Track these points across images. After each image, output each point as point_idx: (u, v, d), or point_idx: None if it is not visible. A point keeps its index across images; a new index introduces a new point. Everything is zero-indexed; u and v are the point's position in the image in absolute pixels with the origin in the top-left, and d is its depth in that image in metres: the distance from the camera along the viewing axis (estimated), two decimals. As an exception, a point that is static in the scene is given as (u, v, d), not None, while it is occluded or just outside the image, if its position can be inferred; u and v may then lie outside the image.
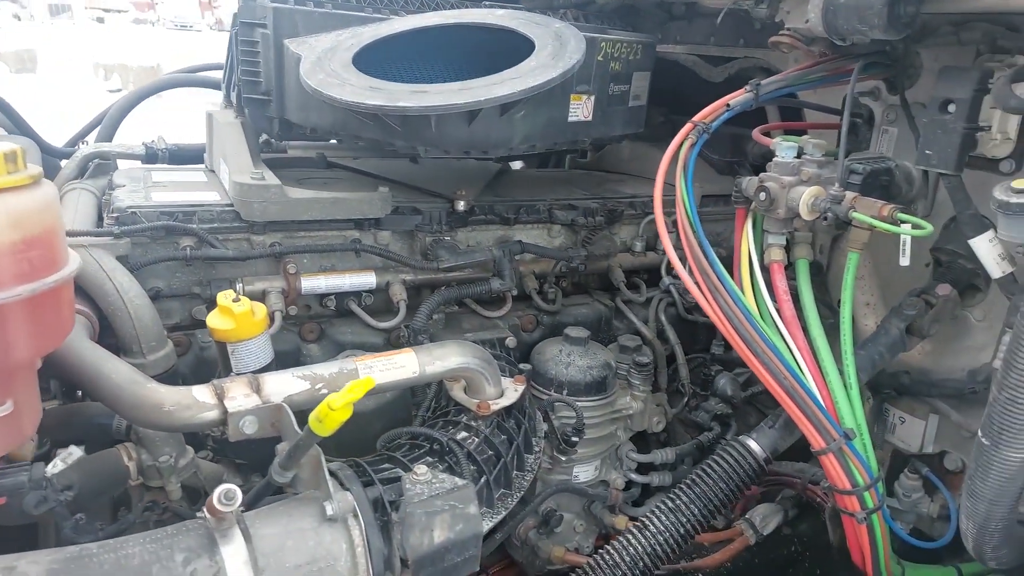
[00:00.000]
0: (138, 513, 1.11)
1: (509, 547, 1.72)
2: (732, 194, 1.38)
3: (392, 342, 1.54)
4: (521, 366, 1.50)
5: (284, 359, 1.40)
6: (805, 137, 1.34)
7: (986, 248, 1.20)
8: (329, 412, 0.87)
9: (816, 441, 1.17)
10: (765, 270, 1.31)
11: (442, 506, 0.98)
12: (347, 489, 0.98)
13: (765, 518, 1.75)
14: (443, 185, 1.68)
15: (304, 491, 0.99)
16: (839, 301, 1.54)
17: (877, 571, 1.25)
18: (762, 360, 1.18)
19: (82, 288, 1.21)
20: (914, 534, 1.45)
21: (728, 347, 1.82)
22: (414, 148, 1.35)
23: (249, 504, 0.97)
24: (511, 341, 1.61)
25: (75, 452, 0.90)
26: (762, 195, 1.28)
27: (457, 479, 1.02)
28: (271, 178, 1.42)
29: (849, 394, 1.21)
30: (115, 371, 1.02)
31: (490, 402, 1.23)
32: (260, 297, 1.41)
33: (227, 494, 0.87)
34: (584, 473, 1.63)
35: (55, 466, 0.89)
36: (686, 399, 1.81)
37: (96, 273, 1.21)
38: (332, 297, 1.53)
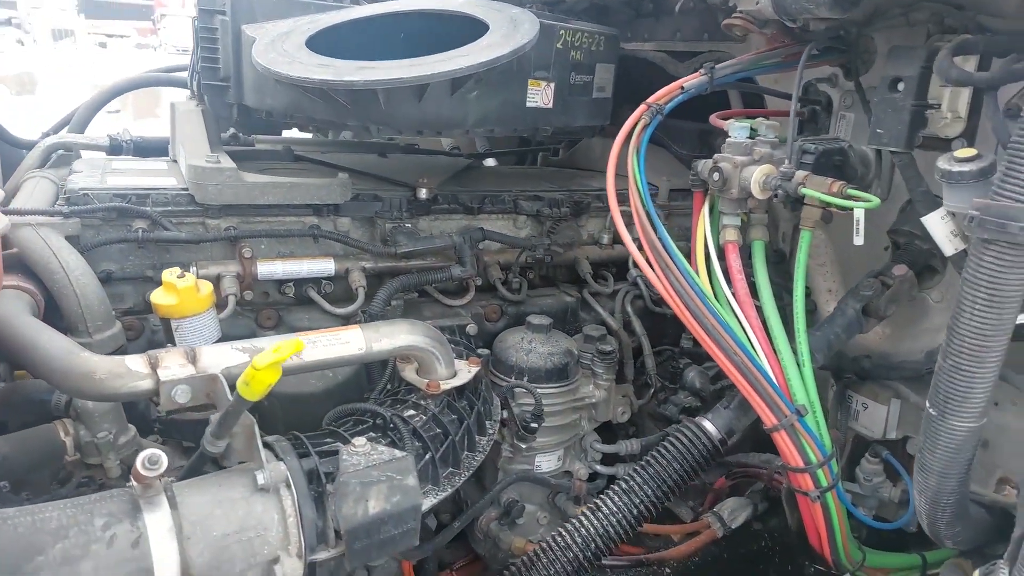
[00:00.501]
0: (72, 488, 1.08)
1: (472, 540, 1.69)
2: (689, 179, 1.37)
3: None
4: (479, 351, 1.48)
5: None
6: (760, 119, 1.33)
7: (938, 225, 1.19)
8: (255, 374, 0.85)
9: (767, 418, 1.15)
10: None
11: (378, 477, 0.96)
12: (281, 460, 0.96)
13: (733, 512, 1.73)
14: (409, 177, 1.67)
15: (238, 463, 0.97)
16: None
17: (834, 551, 1.22)
18: (712, 336, 1.16)
19: (28, 266, 1.19)
20: (876, 520, 1.43)
21: (696, 343, 1.81)
22: (366, 128, 1.34)
23: (183, 479, 0.95)
24: (471, 328, 1.59)
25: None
26: (715, 175, 1.27)
27: (396, 451, 1.00)
28: (227, 162, 1.41)
29: (802, 372, 1.19)
30: (50, 341, 1.00)
31: (440, 382, 1.21)
32: (215, 282, 1.39)
33: (151, 458, 0.85)
34: (547, 463, 1.60)
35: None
36: (652, 390, 1.78)
37: (42, 251, 1.19)
38: (291, 284, 1.51)
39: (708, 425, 1.26)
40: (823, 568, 1.33)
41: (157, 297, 1.14)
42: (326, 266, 1.51)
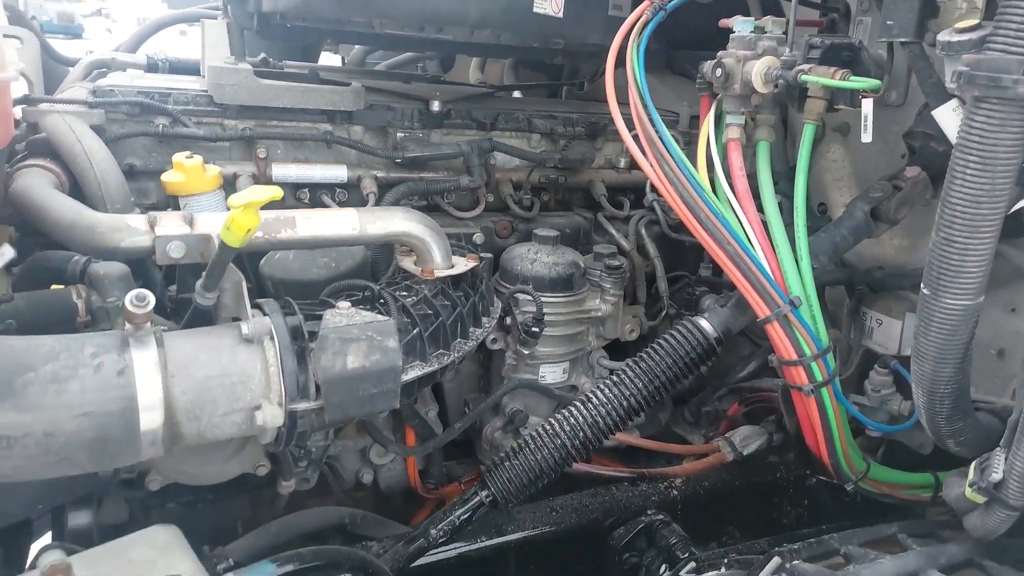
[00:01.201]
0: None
1: (479, 452, 1.71)
2: (696, 82, 1.34)
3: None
4: (482, 254, 1.48)
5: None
6: (768, 17, 1.29)
7: (949, 117, 1.13)
8: (234, 218, 0.88)
9: (760, 308, 1.13)
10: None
11: (359, 335, 0.98)
12: (267, 315, 0.99)
13: (746, 439, 1.70)
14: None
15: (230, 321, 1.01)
16: (819, 204, 1.49)
17: (833, 455, 1.19)
18: (705, 225, 1.14)
19: (54, 150, 1.26)
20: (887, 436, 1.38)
21: (717, 270, 1.77)
22: (369, 23, 1.35)
23: (177, 333, 0.99)
24: (478, 237, 1.59)
25: (8, 253, 0.93)
26: (718, 71, 1.23)
27: (379, 316, 1.02)
28: (244, 65, 1.45)
29: (799, 266, 1.15)
30: (62, 203, 1.06)
31: (435, 270, 1.23)
32: (231, 180, 1.44)
33: (139, 296, 0.89)
34: (552, 374, 1.60)
35: (-17, 266, 0.92)
36: (664, 312, 1.76)
37: (66, 135, 1.25)
38: (306, 190, 1.54)
39: (703, 323, 1.24)
40: (826, 479, 1.30)
41: (167, 176, 1.18)
42: (339, 173, 1.54)
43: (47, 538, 1.28)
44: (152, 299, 0.88)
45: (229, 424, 0.94)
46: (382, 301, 1.13)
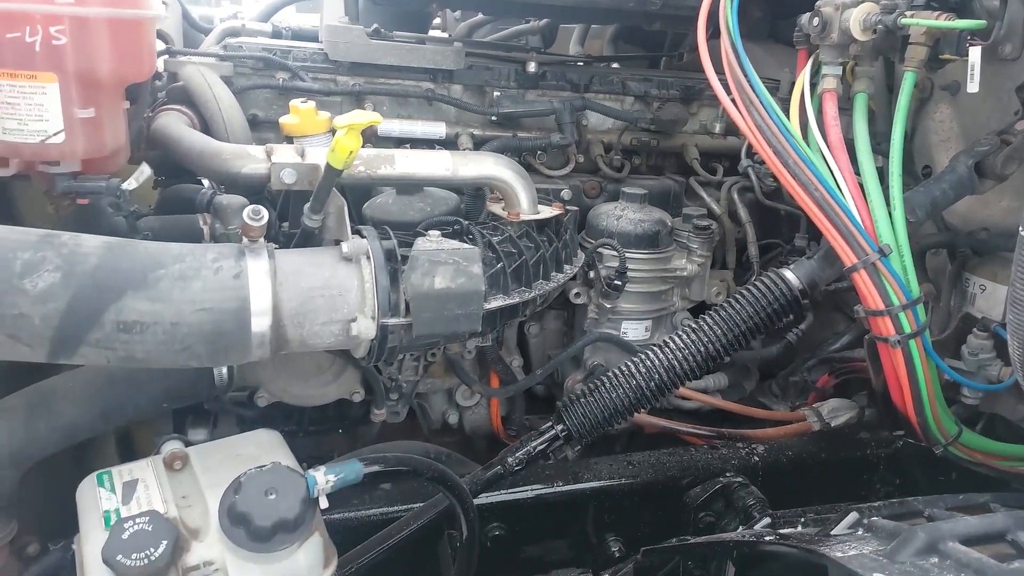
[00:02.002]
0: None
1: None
2: (793, 36, 1.31)
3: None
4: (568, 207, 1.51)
5: (357, 193, 1.52)
6: (873, -36, 1.24)
7: (1070, 64, 1.05)
8: (339, 140, 0.96)
9: (847, 256, 1.09)
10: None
11: (446, 259, 1.04)
12: (364, 238, 1.06)
13: (834, 410, 1.65)
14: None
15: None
16: (923, 167, 1.42)
17: (920, 414, 1.14)
18: (792, 171, 1.12)
19: (188, 97, 1.40)
20: (985, 407, 1.30)
21: (813, 239, 1.72)
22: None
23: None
24: (566, 194, 1.63)
25: (146, 170, 1.06)
26: (815, 20, 1.21)
27: (466, 244, 1.08)
28: (357, 26, 1.55)
29: (892, 216, 1.11)
30: (193, 135, 1.18)
31: (521, 214, 1.27)
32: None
33: (255, 210, 0.98)
34: (633, 331, 1.61)
35: (130, 184, 1.05)
36: (753, 276, 1.73)
37: (200, 83, 1.39)
38: (407, 146, 1.63)
39: (788, 273, 1.21)
40: (912, 441, 1.24)
41: (284, 119, 1.29)
42: (437, 129, 1.62)
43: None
44: (266, 214, 0.97)
45: (327, 333, 1.02)
46: (470, 236, 1.18)
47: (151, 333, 0.90)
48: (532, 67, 1.64)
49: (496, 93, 1.64)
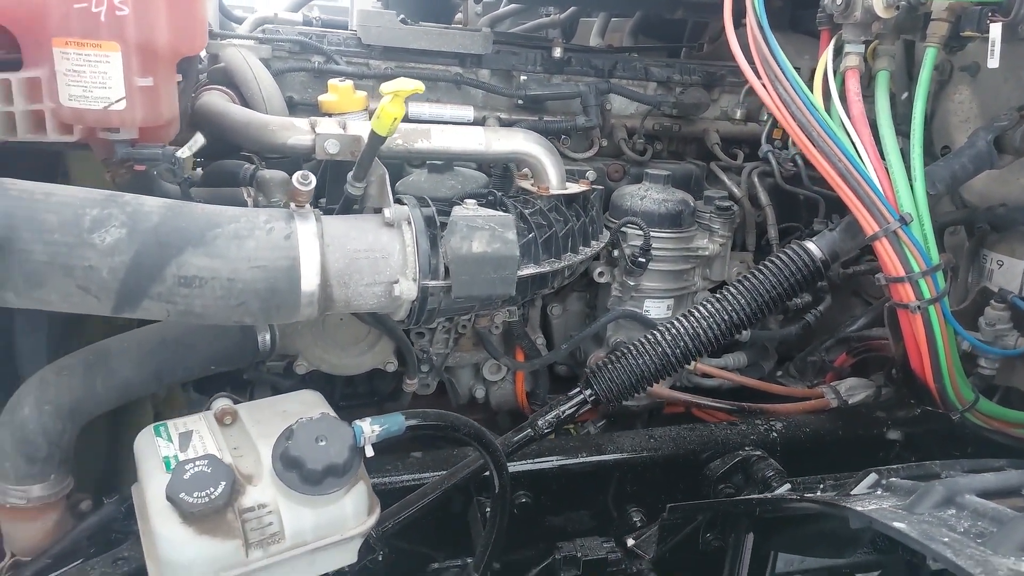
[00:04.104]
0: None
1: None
2: (816, 16, 1.35)
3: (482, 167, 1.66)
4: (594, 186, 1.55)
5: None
6: (894, -54, 1.28)
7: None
8: (384, 107, 1.01)
9: (868, 225, 1.13)
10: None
11: (483, 224, 1.09)
12: (405, 205, 1.11)
13: (852, 388, 1.68)
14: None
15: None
16: (943, 147, 1.46)
17: (939, 380, 1.18)
18: (816, 144, 1.16)
19: (229, 77, 1.45)
20: (1000, 380, 1.33)
21: (831, 223, 1.75)
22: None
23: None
24: (591, 174, 1.65)
25: (200, 139, 1.11)
26: (837, 0, 1.25)
27: (500, 212, 1.12)
28: (389, 11, 1.60)
29: (912, 187, 1.15)
30: (239, 110, 1.24)
31: (550, 188, 1.32)
32: (372, 114, 1.59)
33: (303, 175, 1.04)
34: (656, 309, 1.65)
35: (183, 152, 1.10)
36: (772, 258, 1.76)
37: (240, 64, 1.44)
38: (437, 128, 1.68)
39: (810, 244, 1.25)
40: (930, 408, 1.28)
41: (323, 97, 1.34)
42: (466, 113, 1.66)
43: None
44: (314, 179, 1.03)
45: (371, 295, 1.07)
46: (503, 206, 1.23)
47: (209, 288, 0.95)
48: (558, 52, 1.69)
49: (523, 77, 1.68)
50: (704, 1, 1.75)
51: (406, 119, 1.60)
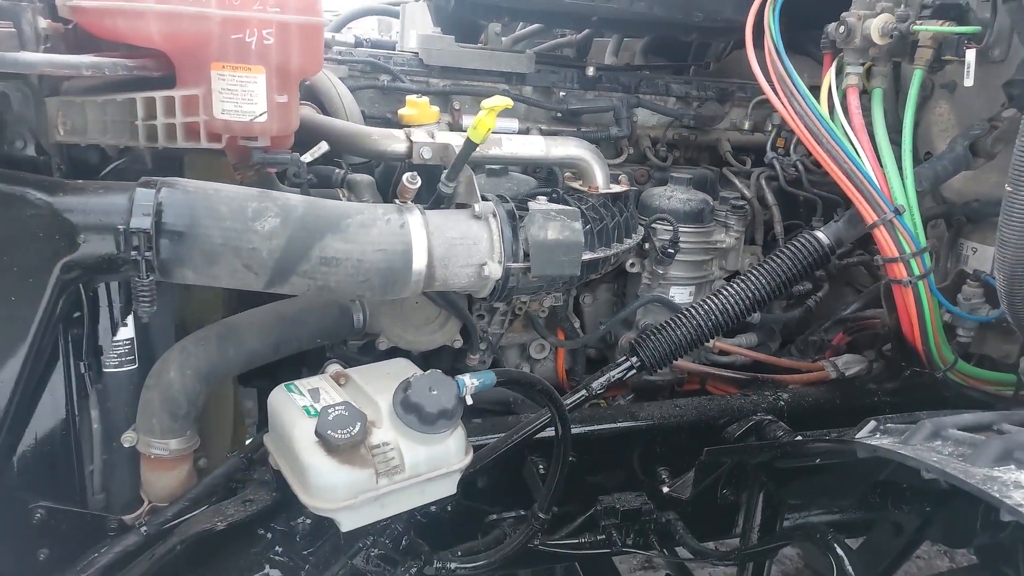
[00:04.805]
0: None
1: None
2: (820, 41, 1.58)
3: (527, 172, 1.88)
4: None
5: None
6: (887, -17, 1.51)
7: (1043, 62, 1.32)
8: (481, 119, 1.22)
9: (869, 215, 1.36)
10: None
11: (556, 216, 1.30)
12: (490, 201, 1.33)
13: (848, 363, 1.90)
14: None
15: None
16: (926, 153, 1.70)
17: (926, 343, 1.40)
18: (825, 147, 1.39)
19: (313, 94, 1.65)
20: (975, 348, 1.57)
21: (827, 221, 1.98)
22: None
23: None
24: (623, 178, 1.88)
25: (324, 146, 1.31)
26: (841, 28, 1.48)
27: (567, 207, 1.34)
28: (448, 36, 1.82)
29: (904, 182, 1.38)
30: (342, 123, 1.44)
31: (599, 187, 1.53)
32: (433, 126, 1.80)
33: (412, 176, 1.25)
34: (680, 295, 1.87)
35: (307, 157, 1.30)
36: (779, 251, 1.99)
37: (325, 82, 1.64)
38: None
39: (819, 233, 1.47)
40: (918, 369, 1.50)
41: (403, 111, 1.55)
42: (511, 125, 1.87)
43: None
44: (419, 180, 1.24)
45: (464, 275, 1.28)
46: (566, 203, 1.44)
47: (343, 267, 1.16)
48: (591, 71, 1.91)
49: (561, 93, 1.90)
50: (714, 26, 1.98)
51: (460, 128, 1.83)
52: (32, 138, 1.09)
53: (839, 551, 1.43)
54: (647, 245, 1.79)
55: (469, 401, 1.18)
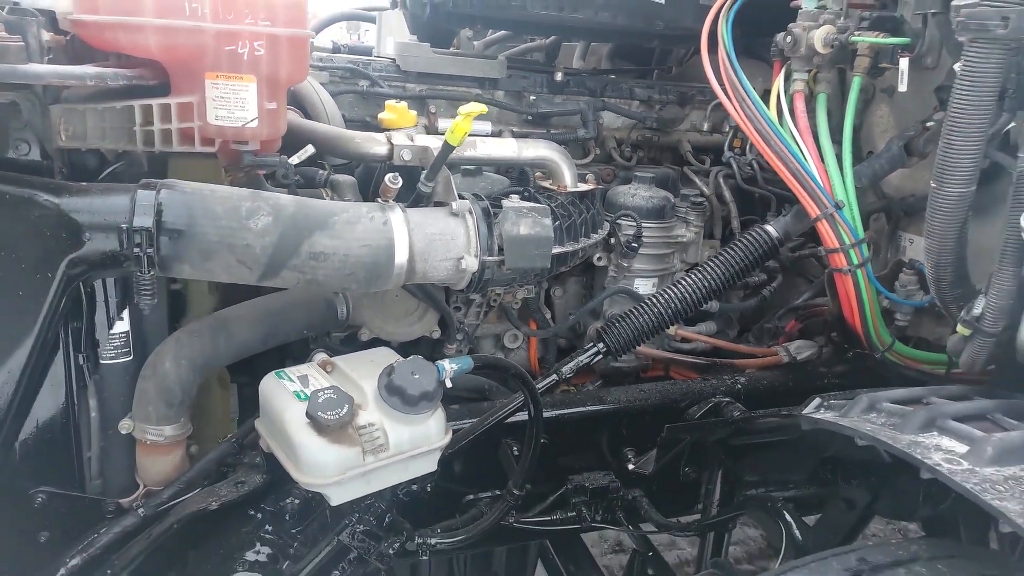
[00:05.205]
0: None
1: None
2: (770, 49, 1.70)
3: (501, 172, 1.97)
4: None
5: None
6: (829, -1, 1.64)
7: (965, 69, 1.45)
8: (458, 124, 1.31)
9: (812, 209, 1.48)
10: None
11: (527, 212, 1.40)
12: (466, 199, 1.42)
13: (799, 347, 2.03)
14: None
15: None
16: (868, 152, 1.83)
17: (865, 326, 1.53)
18: (772, 148, 1.51)
19: (297, 99, 1.73)
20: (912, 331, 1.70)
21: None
22: (523, 7, 1.77)
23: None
24: (590, 178, 1.99)
25: (310, 149, 1.38)
26: (788, 38, 1.60)
27: (538, 204, 1.44)
28: (425, 43, 1.91)
29: (844, 180, 1.51)
30: (324, 127, 1.52)
31: (567, 186, 1.64)
32: (410, 128, 1.89)
33: (393, 176, 1.33)
34: (643, 287, 1.98)
35: (295, 159, 1.38)
36: (736, 245, 2.11)
37: (308, 88, 1.72)
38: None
39: (768, 227, 1.60)
40: (860, 350, 1.63)
41: (383, 115, 1.63)
42: (485, 127, 1.96)
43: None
44: (400, 180, 1.32)
45: (442, 268, 1.37)
46: (537, 200, 1.54)
47: (331, 261, 1.24)
48: (559, 76, 2.01)
49: (532, 97, 2.00)
50: (674, 34, 2.09)
51: (436, 131, 1.92)
52: (37, 143, 1.15)
53: (788, 517, 1.55)
54: (613, 240, 1.90)
55: (448, 384, 1.28)
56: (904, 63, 1.49)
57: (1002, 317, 1.25)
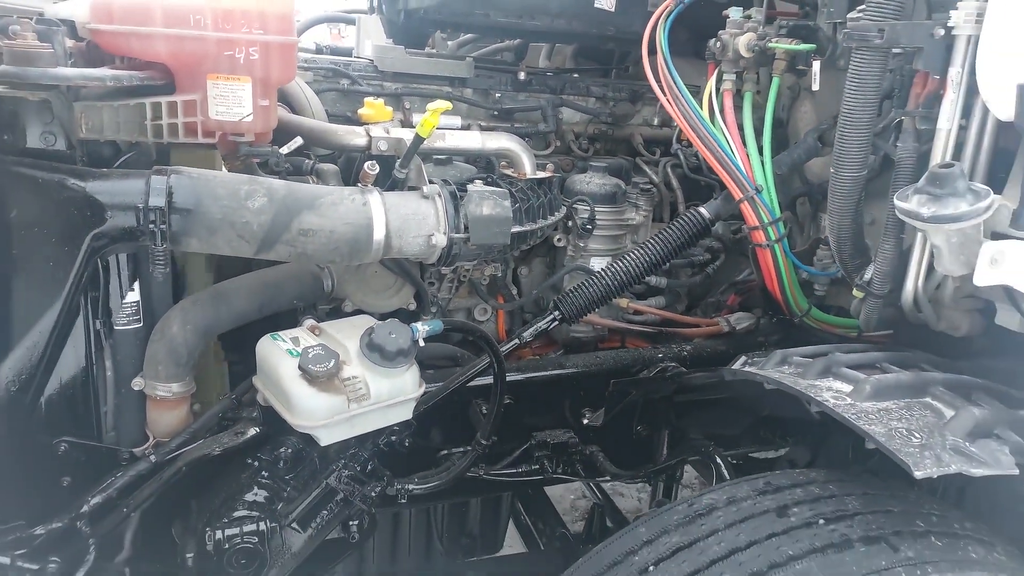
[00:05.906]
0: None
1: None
2: (704, 53, 1.91)
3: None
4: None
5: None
6: (752, 8, 1.84)
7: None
8: (427, 118, 1.50)
9: (735, 192, 1.69)
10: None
11: (489, 196, 1.59)
12: (435, 183, 1.60)
13: (739, 319, 2.25)
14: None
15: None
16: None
17: (784, 294, 1.75)
18: (702, 139, 1.71)
19: (284, 97, 1.90)
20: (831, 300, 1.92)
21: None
22: (487, 15, 1.96)
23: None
24: (550, 167, 2.18)
25: (299, 140, 1.56)
26: (718, 43, 1.80)
27: (499, 189, 1.63)
28: (399, 46, 2.08)
29: (764, 167, 1.72)
30: (313, 121, 1.69)
31: (526, 173, 1.83)
32: (386, 123, 2.06)
33: (372, 164, 1.52)
34: (598, 265, 2.16)
35: (285, 150, 1.55)
36: (682, 227, 2.32)
37: (295, 87, 1.89)
38: (433, 133, 2.16)
39: (702, 209, 1.80)
40: (780, 316, 1.85)
41: (361, 111, 1.80)
42: (455, 121, 2.14)
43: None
44: (378, 167, 1.50)
45: (415, 244, 1.55)
46: (499, 185, 1.73)
47: (318, 237, 1.42)
48: (522, 75, 2.20)
49: (497, 94, 2.19)
50: (625, 37, 2.30)
51: (411, 125, 2.09)
52: (63, 135, 1.32)
53: (718, 459, 1.76)
54: (571, 223, 2.09)
55: (422, 343, 1.46)
56: (816, 65, 1.70)
57: (887, 281, 1.47)
